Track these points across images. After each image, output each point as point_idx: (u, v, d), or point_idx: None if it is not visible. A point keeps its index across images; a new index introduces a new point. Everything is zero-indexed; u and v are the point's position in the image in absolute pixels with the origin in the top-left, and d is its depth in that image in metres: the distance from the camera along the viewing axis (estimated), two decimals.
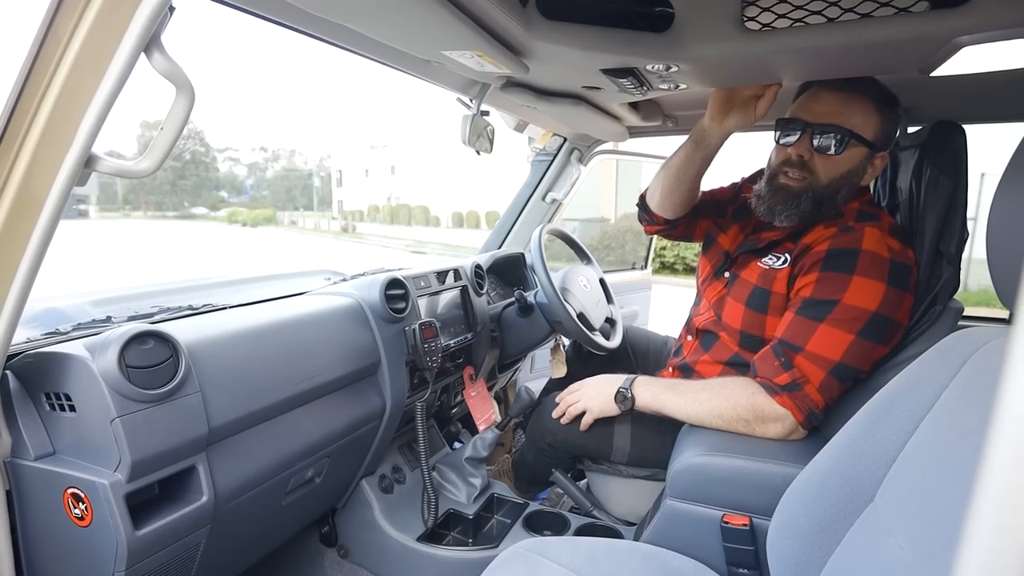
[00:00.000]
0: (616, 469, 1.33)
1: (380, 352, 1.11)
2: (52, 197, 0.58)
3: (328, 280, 1.42)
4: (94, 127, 0.56)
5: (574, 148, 1.85)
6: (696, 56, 0.91)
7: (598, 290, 1.63)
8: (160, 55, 0.54)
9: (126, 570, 0.69)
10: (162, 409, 0.72)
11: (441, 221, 29.20)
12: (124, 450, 0.67)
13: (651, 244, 2.75)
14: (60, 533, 0.72)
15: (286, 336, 0.95)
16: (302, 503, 1.03)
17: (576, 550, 0.91)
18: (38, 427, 0.73)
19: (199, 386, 0.76)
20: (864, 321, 0.95)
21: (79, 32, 0.52)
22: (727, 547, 0.94)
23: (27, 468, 0.72)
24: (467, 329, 1.39)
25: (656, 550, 0.96)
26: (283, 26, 0.80)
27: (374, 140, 40.01)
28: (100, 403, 0.68)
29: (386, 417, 1.13)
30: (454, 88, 1.19)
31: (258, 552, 1.04)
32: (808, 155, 1.05)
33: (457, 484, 1.34)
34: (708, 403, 1.04)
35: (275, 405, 0.89)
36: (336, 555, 1.25)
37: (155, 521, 0.72)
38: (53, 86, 0.54)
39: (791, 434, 1.00)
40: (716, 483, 0.96)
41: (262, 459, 0.86)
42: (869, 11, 0.80)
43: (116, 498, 0.67)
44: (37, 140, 0.55)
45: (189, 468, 0.76)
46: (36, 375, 0.73)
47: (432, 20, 0.71)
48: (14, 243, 0.60)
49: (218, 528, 0.82)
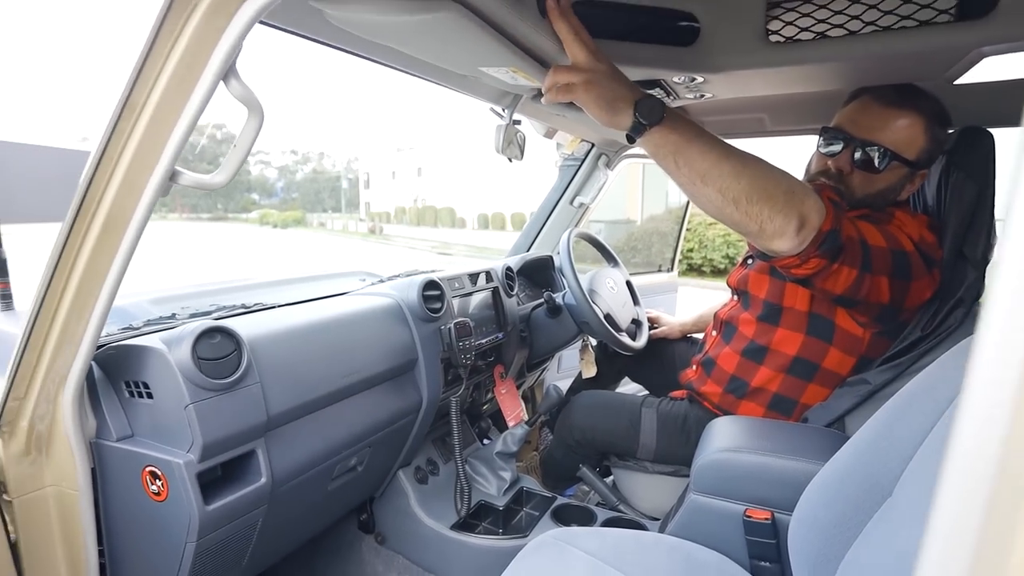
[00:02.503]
0: (642, 466, 1.37)
1: (417, 349, 1.18)
2: (140, 207, 0.66)
3: (363, 281, 1.49)
4: (179, 146, 0.63)
5: (601, 153, 1.89)
6: (722, 68, 0.95)
7: (624, 292, 1.67)
8: (236, 82, 0.62)
9: (196, 541, 0.77)
10: (228, 397, 0.79)
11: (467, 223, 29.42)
12: (196, 433, 0.75)
13: (677, 246, 2.77)
14: (138, 507, 0.80)
15: (332, 333, 1.02)
16: (345, 490, 1.10)
17: (603, 540, 0.96)
18: (119, 412, 0.81)
19: (259, 377, 0.84)
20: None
21: (168, 65, 0.59)
22: (749, 540, 0.97)
23: (110, 448, 0.80)
24: (498, 329, 1.45)
25: (680, 542, 1.00)
26: (333, 47, 0.87)
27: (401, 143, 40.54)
28: (176, 391, 0.76)
29: (422, 411, 1.20)
30: (487, 99, 1.25)
31: (304, 535, 1.11)
32: (848, 169, 1.05)
33: (488, 477, 1.40)
34: (746, 162, 0.77)
35: (323, 397, 0.96)
36: (373, 541, 1.32)
37: (222, 499, 0.79)
38: (146, 111, 0.61)
39: (803, 231, 0.80)
40: (739, 478, 0.99)
41: (312, 446, 0.94)
42: (891, 23, 0.82)
43: (189, 476, 0.75)
44: (131, 157, 0.63)
45: (249, 452, 0.84)
46: (117, 365, 0.82)
47: (472, 40, 0.77)
48: (107, 248, 0.68)
49: (273, 509, 0.90)
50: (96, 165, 0.63)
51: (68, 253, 0.67)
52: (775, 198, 0.77)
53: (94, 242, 0.67)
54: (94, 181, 0.64)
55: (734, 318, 1.28)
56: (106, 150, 0.62)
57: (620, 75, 0.78)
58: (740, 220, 0.79)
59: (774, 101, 1.31)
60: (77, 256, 0.68)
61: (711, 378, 1.30)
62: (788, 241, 0.80)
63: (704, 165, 0.76)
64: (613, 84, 0.77)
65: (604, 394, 1.48)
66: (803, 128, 1.57)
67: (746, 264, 1.30)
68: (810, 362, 1.17)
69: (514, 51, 0.84)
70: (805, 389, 1.19)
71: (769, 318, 1.20)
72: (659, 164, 0.81)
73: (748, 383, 1.23)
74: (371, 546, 1.33)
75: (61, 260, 0.67)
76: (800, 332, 1.17)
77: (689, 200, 1.42)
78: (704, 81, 1.02)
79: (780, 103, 1.33)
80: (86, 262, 0.68)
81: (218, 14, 0.57)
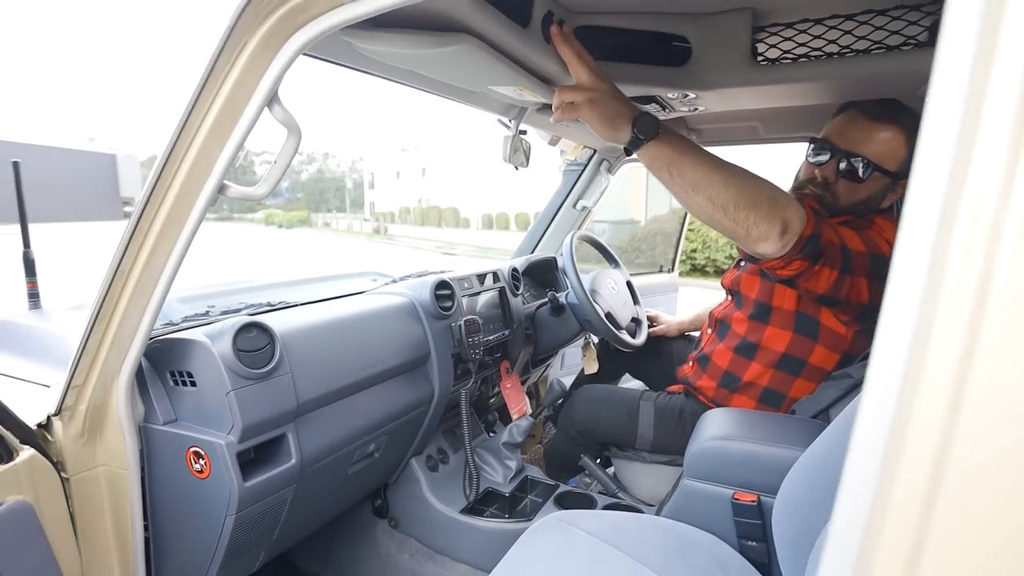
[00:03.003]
0: (639, 456, 1.45)
1: (430, 345, 1.26)
2: (192, 216, 0.75)
3: (374, 281, 1.58)
4: (228, 163, 0.72)
5: (603, 159, 1.98)
6: (711, 86, 1.03)
7: (625, 292, 1.76)
8: (279, 107, 0.70)
9: (235, 514, 0.86)
10: (263, 386, 0.88)
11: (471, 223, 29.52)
12: (236, 417, 0.84)
13: (678, 247, 2.85)
14: (182, 484, 0.89)
15: (353, 329, 1.11)
16: (363, 474, 1.19)
17: (603, 521, 1.04)
18: (164, 399, 0.90)
19: (289, 368, 0.93)
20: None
21: (221, 93, 0.68)
22: (737, 521, 1.05)
23: (156, 431, 0.89)
24: (504, 326, 1.53)
25: (674, 523, 1.08)
26: (358, 70, 0.96)
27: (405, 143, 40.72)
28: (218, 379, 0.85)
29: (434, 402, 1.29)
30: (495, 111, 1.33)
31: (326, 516, 1.20)
32: (833, 178, 1.14)
33: (494, 466, 1.48)
34: (733, 172, 0.85)
35: (346, 387, 1.05)
36: (387, 525, 1.41)
37: (257, 476, 0.88)
38: (200, 132, 0.70)
39: (785, 235, 0.87)
40: (728, 464, 1.07)
41: (335, 432, 1.03)
42: (864, 48, 0.91)
43: (230, 455, 0.84)
44: (187, 172, 0.72)
45: (281, 436, 0.93)
46: (163, 357, 0.91)
47: (484, 66, 0.86)
48: (161, 253, 0.77)
49: (300, 488, 0.98)
50: (156, 179, 0.72)
51: (127, 259, 0.76)
52: (760, 205, 0.85)
53: (150, 248, 0.76)
54: (153, 193, 0.72)
55: (728, 317, 1.37)
56: (166, 165, 0.71)
57: (619, 94, 0.87)
58: (728, 225, 0.86)
59: (767, 111, 1.39)
60: (135, 261, 0.77)
61: (706, 373, 1.38)
62: (772, 245, 0.87)
63: (695, 175, 0.84)
64: (613, 102, 0.85)
65: (604, 388, 1.57)
66: (795, 136, 1.65)
67: (739, 266, 1.38)
68: (797, 358, 1.25)
69: (521, 72, 0.93)
70: (793, 383, 1.27)
71: (759, 317, 1.28)
72: (654, 174, 0.89)
73: (740, 378, 1.31)
74: (385, 530, 1.41)
75: (121, 264, 0.76)
76: (788, 330, 1.25)
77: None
78: (696, 97, 1.10)
79: (773, 113, 1.41)
80: (143, 266, 0.77)
81: (265, 51, 0.66)
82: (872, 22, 0.89)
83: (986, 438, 0.25)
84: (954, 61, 0.26)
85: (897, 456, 0.27)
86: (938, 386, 0.26)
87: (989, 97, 0.24)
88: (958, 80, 0.26)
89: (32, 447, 0.79)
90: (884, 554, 0.28)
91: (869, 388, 0.30)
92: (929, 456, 0.26)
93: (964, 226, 0.26)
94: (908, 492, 0.27)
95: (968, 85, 0.25)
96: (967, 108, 0.25)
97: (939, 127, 0.26)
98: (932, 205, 0.27)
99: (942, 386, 0.26)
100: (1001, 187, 0.24)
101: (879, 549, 0.28)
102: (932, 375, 0.27)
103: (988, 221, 0.24)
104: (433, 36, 0.73)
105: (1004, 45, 0.24)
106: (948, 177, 0.26)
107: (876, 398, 0.30)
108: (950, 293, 0.26)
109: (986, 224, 0.24)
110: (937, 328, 0.27)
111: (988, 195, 0.24)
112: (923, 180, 0.27)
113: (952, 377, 0.26)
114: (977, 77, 0.25)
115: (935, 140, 0.26)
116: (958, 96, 0.26)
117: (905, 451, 0.27)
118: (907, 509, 0.27)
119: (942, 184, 0.26)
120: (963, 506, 0.26)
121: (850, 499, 0.30)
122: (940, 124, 0.26)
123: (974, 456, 0.25)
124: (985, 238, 0.25)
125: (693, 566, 0.98)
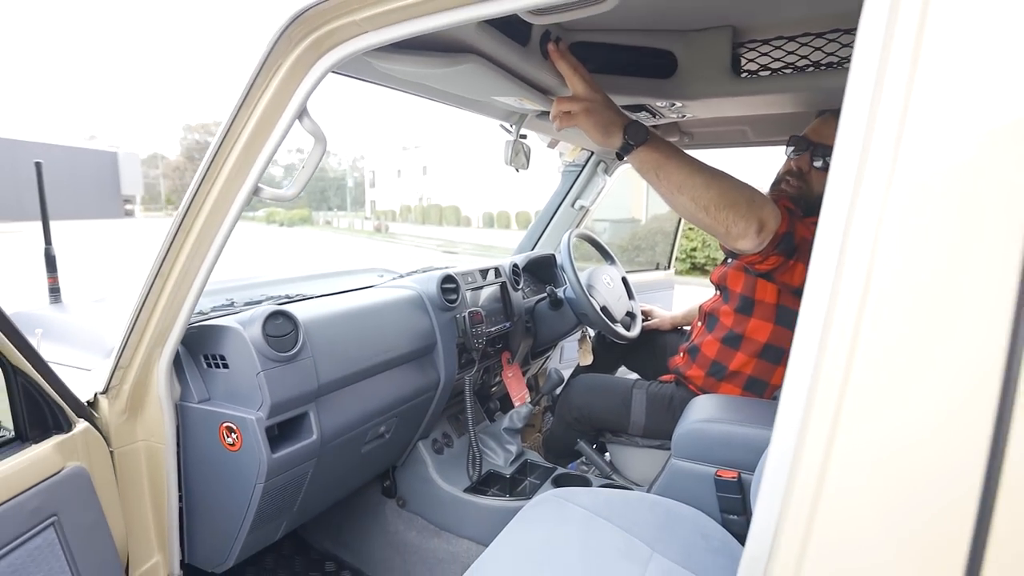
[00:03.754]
0: (632, 440, 1.55)
1: (436, 335, 1.36)
2: (230, 215, 0.84)
3: (380, 277, 1.68)
4: (262, 169, 0.81)
5: (600, 160, 2.07)
6: (696, 96, 1.12)
7: (620, 287, 1.85)
8: (308, 120, 0.80)
9: (264, 483, 0.96)
10: (289, 368, 0.98)
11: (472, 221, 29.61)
12: (266, 395, 0.94)
13: (674, 245, 2.94)
14: (214, 456, 0.99)
15: (366, 319, 1.20)
16: (375, 454, 1.28)
17: (595, 498, 1.13)
18: (199, 380, 1.00)
19: (311, 353, 1.02)
20: None
21: (259, 107, 0.77)
22: (720, 497, 1.15)
23: (191, 409, 0.99)
24: (506, 319, 1.63)
25: (662, 499, 1.17)
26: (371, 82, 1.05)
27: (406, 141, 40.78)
28: (249, 361, 0.94)
29: (440, 388, 1.38)
30: (496, 117, 1.42)
31: (340, 492, 1.30)
32: (807, 168, 1.25)
33: (496, 450, 1.58)
34: (714, 175, 0.92)
35: (360, 372, 1.14)
36: (395, 505, 1.51)
37: (283, 449, 0.98)
38: (239, 142, 0.79)
39: (762, 232, 0.95)
40: (712, 445, 1.16)
41: (351, 412, 1.12)
42: (834, 63, 1.00)
43: (260, 429, 0.94)
44: (226, 176, 0.81)
45: (303, 414, 1.03)
46: (198, 342, 1.00)
47: (488, 80, 0.95)
48: (201, 249, 0.86)
49: (320, 464, 1.08)
50: (199, 183, 0.81)
51: (171, 255, 0.86)
52: (739, 205, 0.92)
53: (191, 245, 0.85)
54: (196, 197, 0.82)
55: (716, 310, 1.46)
56: (208, 170, 0.80)
57: (612, 103, 0.95)
58: (710, 224, 0.94)
59: (753, 117, 1.48)
60: (177, 257, 0.86)
61: (695, 363, 1.48)
62: (750, 241, 0.95)
63: (680, 177, 0.92)
64: (607, 112, 0.93)
65: (600, 377, 1.66)
66: (782, 140, 1.74)
67: (725, 263, 1.48)
68: (779, 347, 1.34)
69: (521, 85, 1.02)
70: (775, 371, 1.36)
71: (744, 310, 1.37)
72: (643, 176, 0.98)
73: (727, 367, 1.41)
74: (393, 509, 1.51)
75: (165, 259, 0.86)
76: (770, 322, 1.34)
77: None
78: (683, 105, 1.19)
79: (759, 119, 1.51)
80: (184, 261, 0.86)
81: (296, 72, 0.75)
82: (839, 40, 0.98)
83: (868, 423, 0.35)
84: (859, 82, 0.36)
85: (807, 417, 0.37)
86: (832, 379, 0.36)
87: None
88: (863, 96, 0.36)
89: (86, 420, 0.88)
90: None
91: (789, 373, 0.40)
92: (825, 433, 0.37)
93: (860, 220, 0.36)
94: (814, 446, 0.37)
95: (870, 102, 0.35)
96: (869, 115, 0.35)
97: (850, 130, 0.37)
98: (841, 200, 0.37)
99: (835, 379, 0.36)
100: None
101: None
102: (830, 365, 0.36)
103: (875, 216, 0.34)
104: (444, 57, 0.82)
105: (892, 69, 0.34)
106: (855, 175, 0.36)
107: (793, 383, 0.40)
108: (847, 281, 0.36)
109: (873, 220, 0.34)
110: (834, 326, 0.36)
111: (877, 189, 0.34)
112: (837, 176, 0.37)
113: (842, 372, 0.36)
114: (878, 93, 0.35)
115: (846, 142, 0.37)
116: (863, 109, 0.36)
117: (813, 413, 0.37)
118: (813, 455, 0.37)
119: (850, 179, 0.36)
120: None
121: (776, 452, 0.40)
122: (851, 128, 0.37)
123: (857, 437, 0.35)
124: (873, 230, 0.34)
125: (679, 537, 1.07)
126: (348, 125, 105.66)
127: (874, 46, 0.37)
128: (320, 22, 0.70)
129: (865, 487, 0.36)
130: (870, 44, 0.37)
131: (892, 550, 0.35)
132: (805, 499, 0.38)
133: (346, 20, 0.68)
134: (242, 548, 1.03)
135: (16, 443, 0.80)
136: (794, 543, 0.39)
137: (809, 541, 0.38)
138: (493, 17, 0.63)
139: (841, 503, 0.37)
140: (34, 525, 0.76)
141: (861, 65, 0.38)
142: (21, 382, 0.79)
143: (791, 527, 0.39)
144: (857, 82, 0.38)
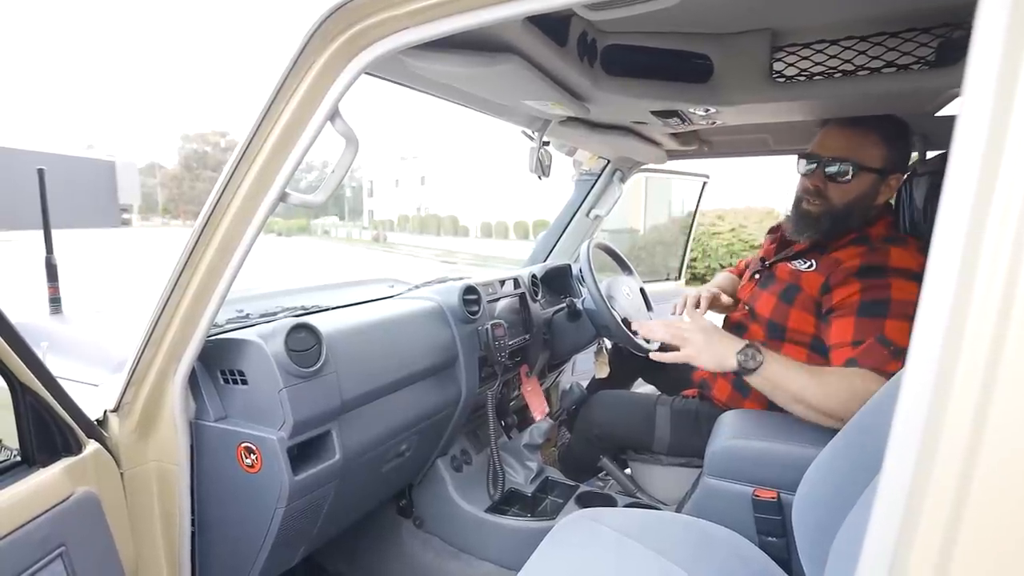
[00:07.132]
0: (656, 458, 1.49)
1: (457, 348, 1.31)
2: (254, 223, 0.79)
3: (391, 287, 1.63)
4: (290, 173, 0.77)
5: (616, 169, 2.04)
6: (731, 102, 1.09)
7: (639, 298, 1.81)
8: (340, 121, 0.75)
9: (285, 507, 0.90)
10: (312, 384, 0.92)
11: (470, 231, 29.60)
12: (288, 413, 0.88)
13: (684, 256, 2.90)
14: (231, 478, 0.93)
15: (388, 332, 1.15)
16: (394, 473, 1.23)
17: (627, 519, 1.08)
18: (215, 397, 0.95)
19: (335, 368, 0.97)
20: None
21: (288, 109, 0.73)
22: (757, 517, 1.09)
23: (207, 427, 0.93)
24: (524, 331, 1.58)
25: (696, 520, 1.12)
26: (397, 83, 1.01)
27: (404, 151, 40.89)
28: (271, 377, 0.89)
29: (461, 403, 1.33)
30: (519, 123, 1.39)
31: (359, 512, 1.24)
32: (822, 185, 1.20)
33: (515, 467, 1.52)
34: (830, 387, 1.01)
35: (383, 387, 1.09)
36: (412, 525, 1.45)
37: (305, 471, 0.92)
38: (267, 145, 0.75)
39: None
40: (748, 462, 1.11)
41: (373, 430, 1.07)
42: (878, 67, 0.96)
43: (281, 450, 0.88)
44: (252, 181, 0.76)
45: (325, 432, 0.97)
46: (214, 357, 0.95)
47: (524, 81, 0.91)
48: (223, 259, 0.81)
49: (340, 484, 1.02)
50: (221, 190, 0.76)
51: (190, 265, 0.81)
52: (835, 412, 1.01)
53: (212, 255, 0.80)
54: (218, 204, 0.77)
55: (744, 325, 1.41)
56: (232, 176, 0.75)
57: (714, 334, 1.10)
58: (804, 413, 1.06)
59: (778, 125, 1.45)
60: (197, 267, 0.81)
61: (721, 377, 1.42)
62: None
63: (799, 392, 1.04)
64: (714, 348, 1.08)
65: (622, 393, 1.61)
66: (802, 148, 1.71)
67: (754, 279, 1.43)
68: None
69: (555, 88, 0.98)
70: None
71: (775, 335, 1.31)
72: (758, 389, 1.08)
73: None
74: (409, 529, 1.45)
75: (184, 270, 0.81)
76: (805, 348, 1.29)
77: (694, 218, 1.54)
78: (716, 112, 1.16)
79: (782, 126, 1.47)
80: (204, 272, 0.81)
81: (330, 70, 0.71)
82: (884, 43, 0.94)
83: (1015, 431, 0.30)
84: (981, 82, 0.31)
85: (934, 446, 0.32)
86: (968, 387, 0.31)
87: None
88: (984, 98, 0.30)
89: (96, 440, 0.83)
90: (921, 538, 0.32)
91: (906, 389, 0.35)
92: (960, 453, 0.31)
93: (992, 238, 0.30)
94: (942, 485, 0.31)
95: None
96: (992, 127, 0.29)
97: (968, 145, 0.31)
98: (961, 218, 0.32)
99: (972, 387, 0.31)
100: None
101: (916, 538, 0.32)
102: (963, 376, 0.31)
103: (1012, 231, 0.29)
104: (483, 56, 0.78)
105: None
106: (976, 187, 0.31)
107: (911, 399, 0.34)
108: (978, 300, 0.31)
109: (1011, 234, 0.29)
110: (968, 332, 0.31)
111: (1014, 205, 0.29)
112: (953, 194, 0.32)
113: (982, 376, 0.30)
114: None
115: (964, 158, 0.31)
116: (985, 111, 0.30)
117: (939, 449, 0.32)
118: (941, 499, 0.31)
119: (970, 197, 0.31)
120: (994, 498, 0.30)
121: (888, 493, 0.35)
122: (968, 142, 0.31)
123: (1003, 450, 0.30)
124: (1011, 245, 0.29)
125: (716, 561, 1.01)
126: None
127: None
128: (358, 17, 0.66)
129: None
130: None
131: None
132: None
133: (387, 15, 0.64)
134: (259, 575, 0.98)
135: (23, 467, 0.74)
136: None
137: None
138: (548, 11, 0.59)
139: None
140: (40, 558, 0.71)
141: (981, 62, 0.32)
142: (30, 401, 0.74)
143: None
144: (978, 80, 0.32)
